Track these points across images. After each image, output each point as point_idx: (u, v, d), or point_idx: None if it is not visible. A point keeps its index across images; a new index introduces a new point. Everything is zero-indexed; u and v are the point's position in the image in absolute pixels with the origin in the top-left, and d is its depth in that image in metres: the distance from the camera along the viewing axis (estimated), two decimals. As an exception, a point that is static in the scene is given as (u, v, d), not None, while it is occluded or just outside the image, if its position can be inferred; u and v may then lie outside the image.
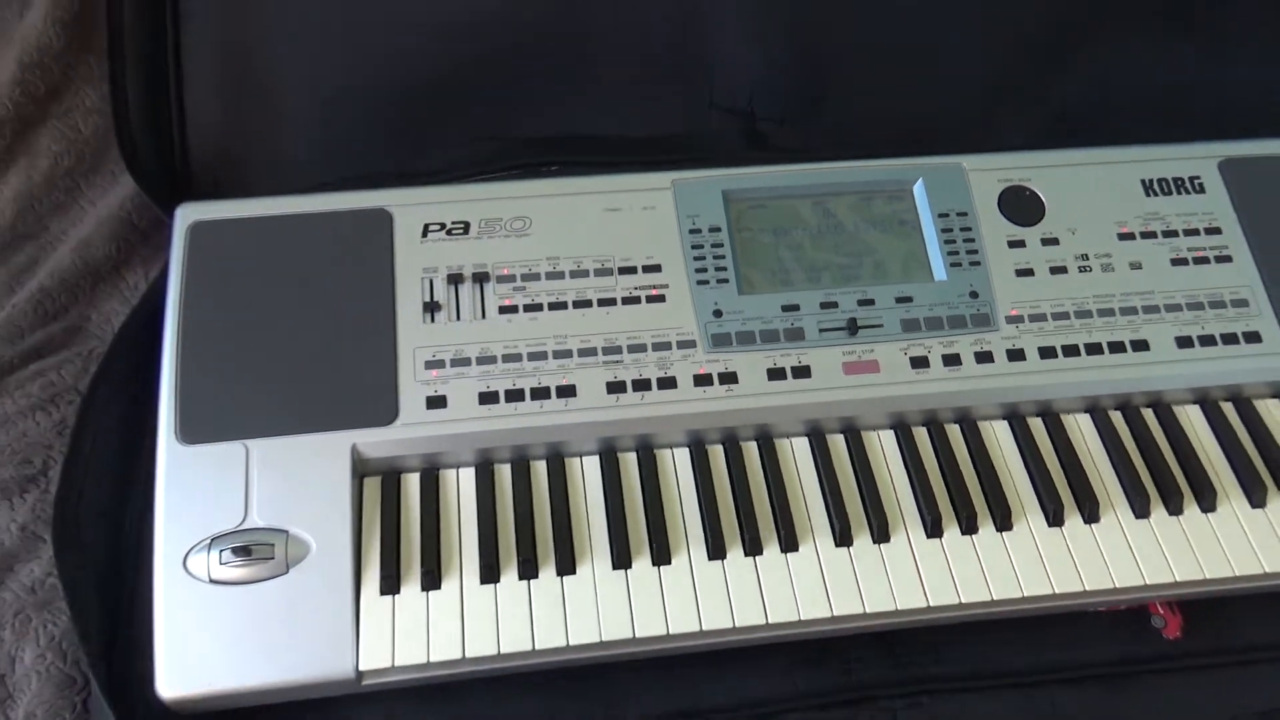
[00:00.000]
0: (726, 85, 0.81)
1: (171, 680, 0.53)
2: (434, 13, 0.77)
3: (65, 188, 0.78)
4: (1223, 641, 0.63)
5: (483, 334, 0.62)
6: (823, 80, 0.82)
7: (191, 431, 0.58)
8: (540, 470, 0.61)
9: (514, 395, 0.61)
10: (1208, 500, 0.61)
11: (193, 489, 0.57)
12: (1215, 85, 0.83)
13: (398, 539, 0.58)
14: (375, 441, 0.59)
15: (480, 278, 0.64)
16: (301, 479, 0.57)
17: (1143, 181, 0.71)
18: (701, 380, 0.62)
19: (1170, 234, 0.69)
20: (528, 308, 0.63)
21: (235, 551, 0.54)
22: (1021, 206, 0.69)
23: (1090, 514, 0.61)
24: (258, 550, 0.55)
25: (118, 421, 0.66)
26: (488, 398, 0.61)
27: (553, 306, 0.64)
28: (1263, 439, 0.65)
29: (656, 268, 0.65)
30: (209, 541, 0.56)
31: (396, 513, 0.59)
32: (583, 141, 0.80)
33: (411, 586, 0.56)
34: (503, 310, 0.63)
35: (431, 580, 0.56)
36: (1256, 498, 0.62)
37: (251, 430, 0.58)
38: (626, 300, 0.64)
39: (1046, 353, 0.65)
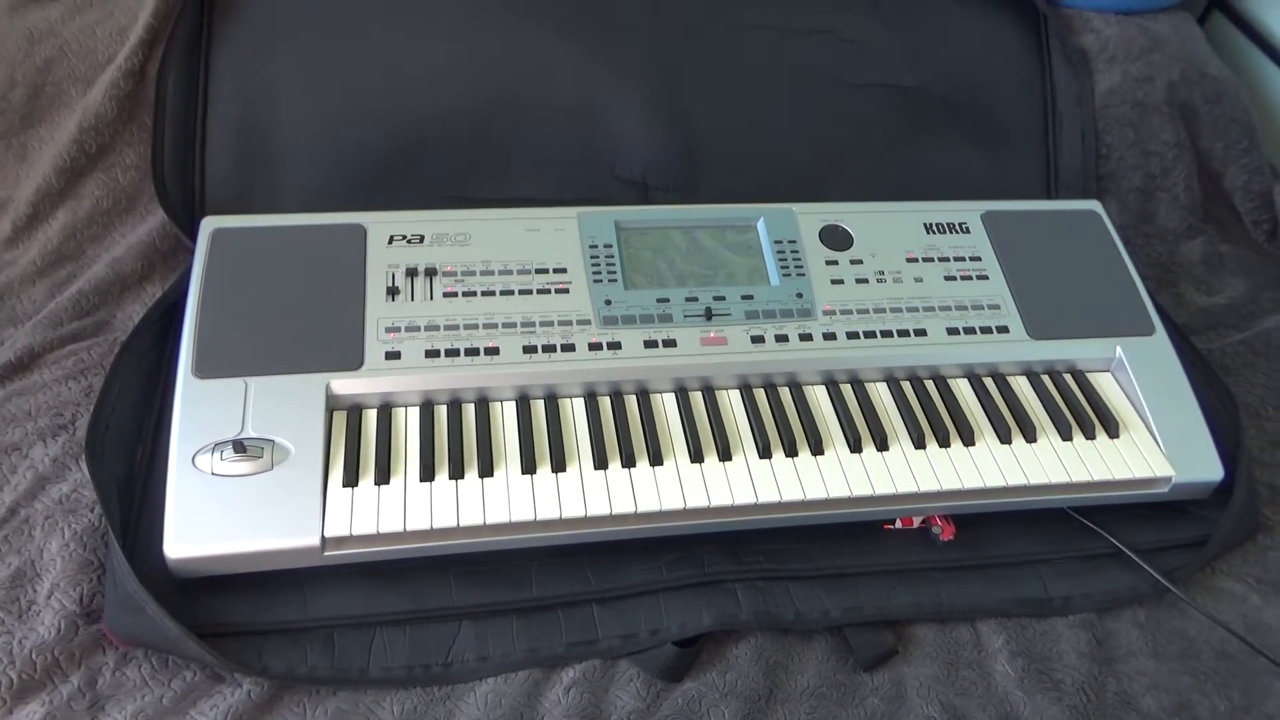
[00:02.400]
0: (625, 163, 1.06)
1: (177, 544, 0.70)
2: (403, 103, 1.02)
3: (103, 224, 0.98)
4: (985, 551, 0.83)
5: (430, 310, 0.83)
6: (699, 162, 1.08)
7: (205, 369, 0.77)
8: (470, 411, 0.80)
9: (452, 353, 0.81)
10: (967, 436, 0.83)
11: (203, 410, 0.75)
12: (989, 178, 1.12)
13: (358, 451, 0.76)
14: (345, 382, 0.78)
15: (430, 272, 0.85)
16: (287, 406, 0.76)
17: (925, 224, 0.96)
18: (594, 347, 0.83)
19: (944, 259, 0.94)
20: (465, 294, 0.84)
21: (234, 448, 0.72)
22: (836, 237, 0.94)
23: (881, 444, 0.81)
24: (251, 449, 0.73)
25: (137, 378, 0.84)
26: (432, 354, 0.80)
27: (484, 294, 0.85)
28: (1012, 401, 0.87)
29: (563, 270, 0.87)
30: (213, 446, 0.73)
31: (358, 436, 0.77)
32: (515, 202, 1.03)
33: (366, 481, 0.74)
34: (446, 295, 0.84)
35: (382, 476, 0.74)
36: (1003, 437, 0.83)
37: (251, 369, 0.77)
38: (540, 291, 0.86)
39: (853, 335, 0.87)
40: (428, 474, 0.75)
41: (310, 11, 1.02)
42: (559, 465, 0.77)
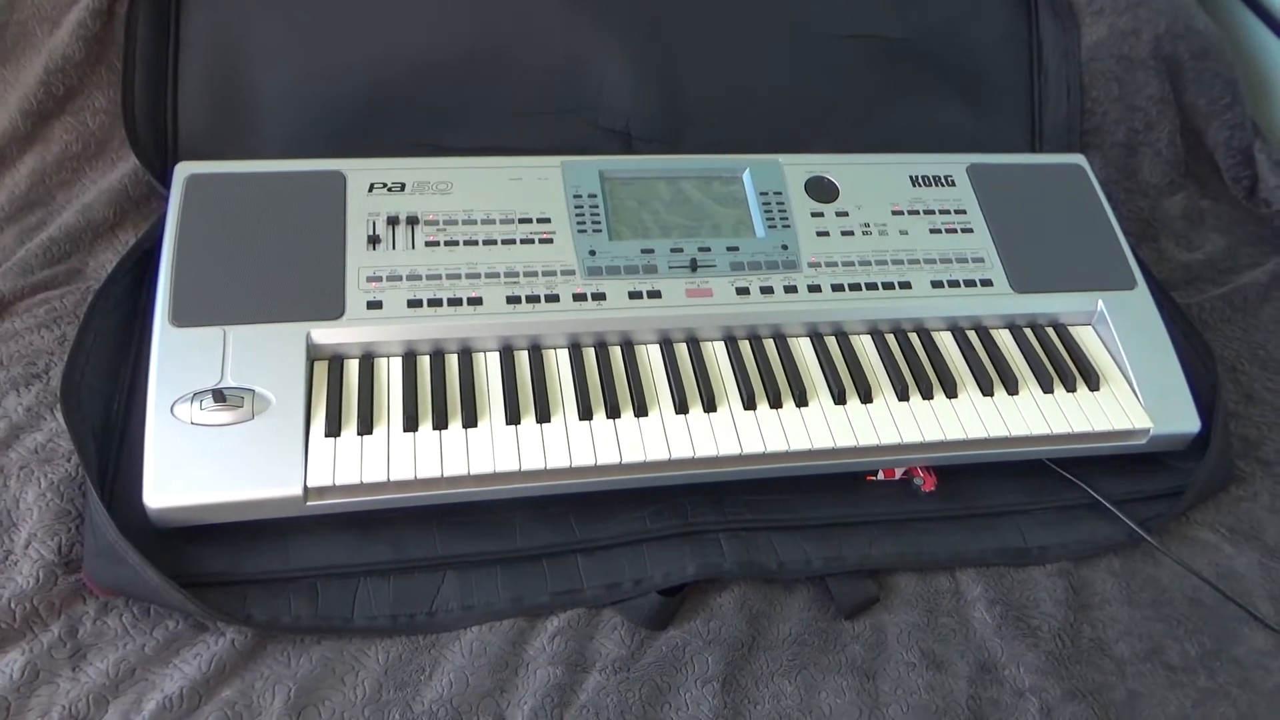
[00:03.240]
0: (610, 112, 1.05)
1: (157, 494, 0.69)
2: (383, 48, 1.00)
3: (72, 169, 0.95)
4: (965, 502, 0.84)
5: (412, 260, 0.82)
6: (683, 114, 1.06)
7: (182, 317, 0.75)
8: (453, 361, 0.79)
9: (434, 303, 0.80)
10: (950, 389, 0.83)
11: (181, 359, 0.74)
12: (973, 133, 1.11)
13: (340, 401, 0.75)
14: (325, 332, 0.77)
15: (412, 221, 0.84)
16: (267, 355, 0.75)
17: (910, 176, 0.96)
18: (579, 298, 0.82)
19: (929, 212, 0.94)
20: (448, 243, 0.83)
21: (214, 397, 0.71)
22: (822, 189, 0.93)
23: (865, 396, 0.82)
24: (230, 398, 0.72)
25: (112, 326, 0.82)
26: (414, 304, 0.79)
27: (467, 243, 0.84)
28: (995, 354, 0.87)
29: (547, 220, 0.86)
30: (192, 395, 0.72)
31: (339, 385, 0.76)
32: (496, 151, 1.02)
33: (349, 430, 0.73)
34: (428, 244, 0.83)
35: (365, 427, 0.74)
36: (985, 389, 0.84)
37: (229, 319, 0.76)
38: (523, 240, 0.85)
39: (837, 288, 0.87)
40: (411, 424, 0.74)
41: None
42: (543, 416, 0.76)
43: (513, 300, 0.81)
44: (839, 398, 0.81)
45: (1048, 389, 0.85)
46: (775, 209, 0.91)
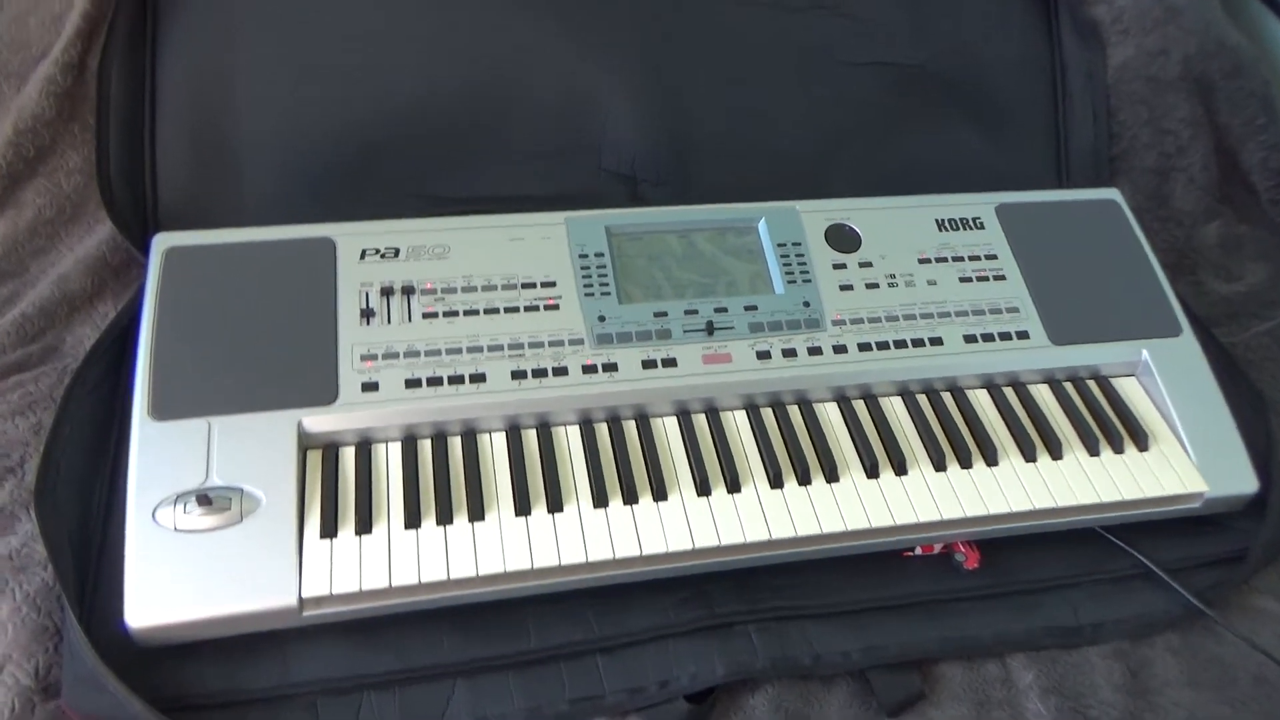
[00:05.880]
0: (613, 156, 0.99)
1: (139, 613, 0.63)
2: (371, 93, 0.94)
3: (46, 235, 0.90)
4: (1010, 576, 0.78)
5: (409, 334, 0.76)
6: (691, 153, 1.00)
7: (162, 409, 0.70)
8: (456, 445, 0.74)
9: (434, 381, 0.74)
10: (990, 456, 0.78)
11: (162, 456, 0.68)
12: (995, 162, 1.06)
13: (335, 496, 0.69)
14: (318, 419, 0.71)
15: (408, 290, 0.78)
16: (255, 449, 0.69)
17: (936, 220, 0.90)
18: (589, 369, 0.77)
19: (958, 259, 0.88)
20: (446, 314, 0.78)
21: (198, 500, 0.66)
22: (843, 238, 0.88)
23: (899, 468, 0.76)
24: (217, 501, 0.66)
25: (90, 414, 0.77)
26: (413, 384, 0.74)
27: (467, 313, 0.78)
28: (1035, 413, 0.82)
29: (552, 284, 0.81)
30: (175, 497, 0.67)
31: (335, 477, 0.70)
32: (494, 200, 0.96)
33: (346, 530, 0.68)
34: (426, 316, 0.77)
35: (364, 525, 0.68)
36: (1028, 454, 0.78)
37: (213, 409, 0.70)
38: (528, 308, 0.79)
39: (864, 347, 0.82)
40: (413, 520, 0.69)
41: None
42: (555, 504, 0.71)
43: (518, 375, 0.76)
44: (872, 471, 0.76)
45: (1094, 451, 0.79)
46: (794, 261, 0.85)
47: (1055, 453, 0.79)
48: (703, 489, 0.73)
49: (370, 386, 0.73)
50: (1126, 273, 0.90)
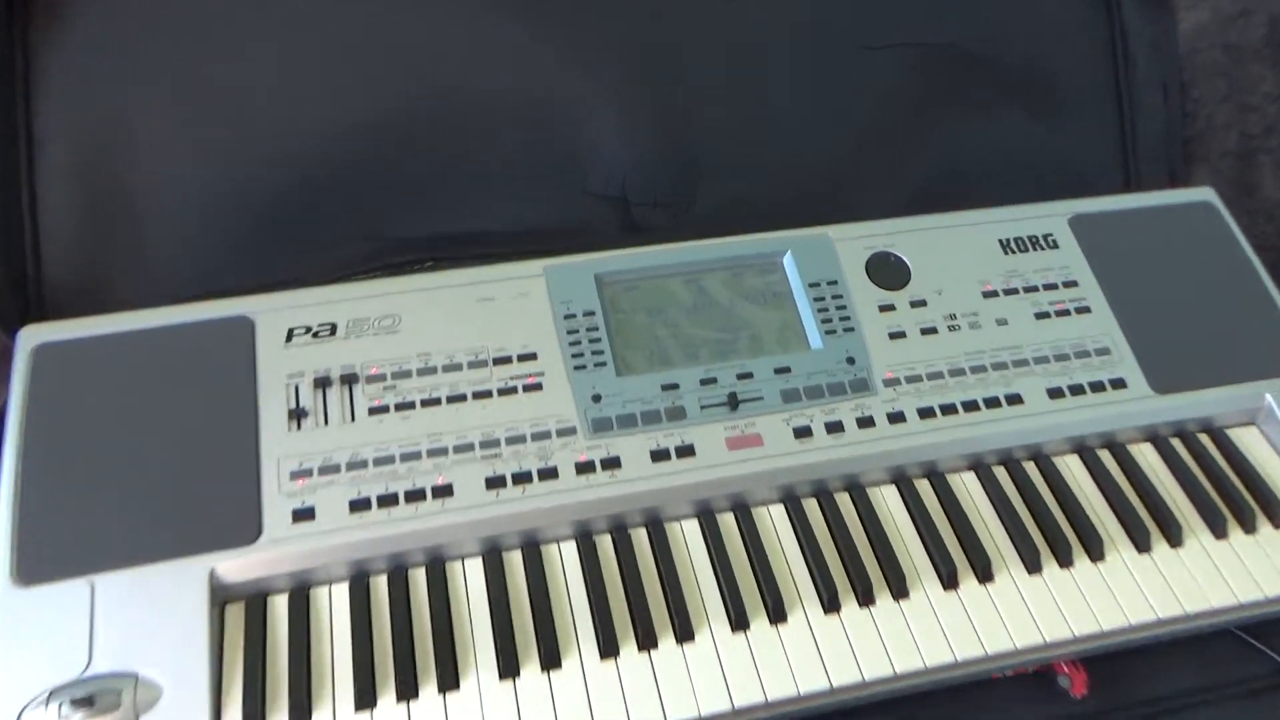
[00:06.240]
0: (599, 174, 0.82)
1: None
2: (303, 121, 0.76)
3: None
4: (1130, 695, 0.63)
5: (352, 438, 0.60)
6: (692, 165, 0.84)
7: (29, 571, 0.53)
8: (419, 579, 0.58)
9: (387, 500, 0.58)
10: (1096, 549, 0.62)
11: (30, 636, 0.52)
12: (1050, 152, 0.89)
13: (263, 669, 0.53)
14: (237, 564, 0.55)
15: (349, 379, 0.62)
16: (153, 615, 0.53)
17: (1000, 241, 0.73)
18: (584, 468, 0.60)
19: (1031, 289, 0.71)
20: (399, 407, 0.61)
21: (76, 704, 0.49)
22: (888, 272, 0.71)
23: (984, 573, 0.60)
24: (102, 700, 0.50)
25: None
26: (359, 505, 0.57)
27: (426, 404, 0.61)
28: (1141, 483, 0.66)
29: (532, 356, 0.64)
30: (47, 696, 0.50)
31: (262, 640, 0.54)
32: (459, 238, 0.79)
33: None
34: (373, 411, 0.61)
35: (301, 711, 0.52)
36: (1140, 542, 0.62)
37: (97, 564, 0.54)
38: (503, 391, 0.63)
39: (925, 413, 0.65)
40: (367, 698, 0.52)
41: (168, 9, 0.75)
42: (551, 658, 0.54)
43: (494, 483, 0.59)
44: (950, 581, 0.60)
45: (1220, 533, 0.63)
46: (832, 305, 0.69)
47: (1174, 539, 0.63)
48: (739, 623, 0.57)
49: (304, 514, 0.57)
50: (1232, 295, 0.74)
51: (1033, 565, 0.61)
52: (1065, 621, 0.58)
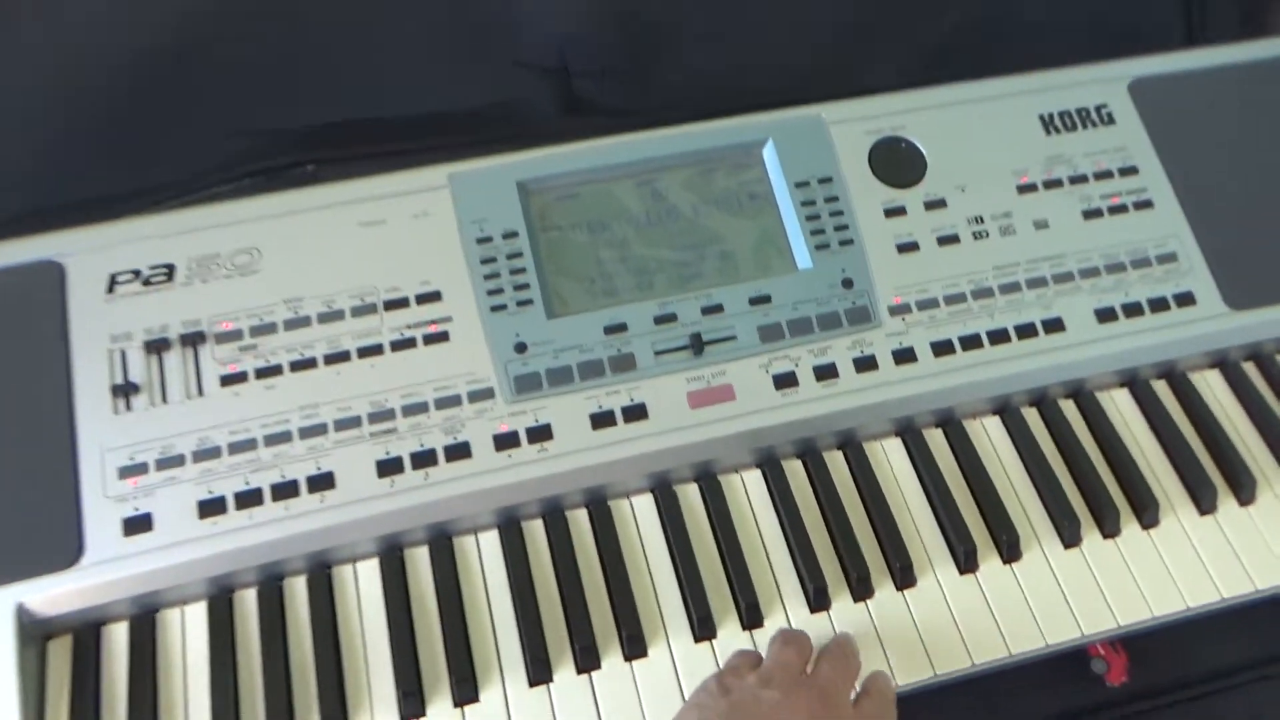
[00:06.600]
0: (535, 42, 0.65)
1: None
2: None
3: None
4: (1176, 674, 0.52)
5: (200, 419, 0.46)
6: (650, 24, 0.66)
7: None
8: (299, 592, 0.46)
9: (248, 498, 0.45)
10: (1149, 514, 0.50)
11: None
12: None
13: (96, 712, 0.42)
14: (52, 595, 0.43)
15: (193, 340, 0.47)
16: (-55, 662, 0.41)
17: (1041, 117, 0.57)
18: (505, 441, 0.47)
19: (1079, 179, 0.56)
20: (262, 373, 0.47)
21: None
22: (898, 163, 0.55)
23: (1010, 552, 0.48)
24: (-122, 780, 0.39)
25: None
26: (210, 507, 0.45)
27: (296, 367, 0.47)
28: (1204, 421, 0.53)
29: (435, 296, 0.50)
30: None
31: (95, 682, 0.43)
32: (355, 128, 0.63)
33: (117, 791, 0.41)
34: (227, 381, 0.47)
35: (144, 778, 0.41)
36: (1205, 504, 0.50)
37: None
38: (397, 345, 0.48)
39: (941, 348, 0.52)
40: (229, 748, 0.42)
41: None
42: (466, 690, 0.43)
43: (388, 468, 0.46)
44: (967, 562, 0.48)
45: (1304, 485, 0.51)
46: (825, 210, 0.54)
47: (1244, 494, 0.51)
48: (704, 629, 0.46)
49: (139, 523, 0.44)
50: (1330, 174, 0.59)
51: (1070, 538, 0.49)
52: (1107, 606, 0.47)
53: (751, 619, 0.46)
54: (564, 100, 0.66)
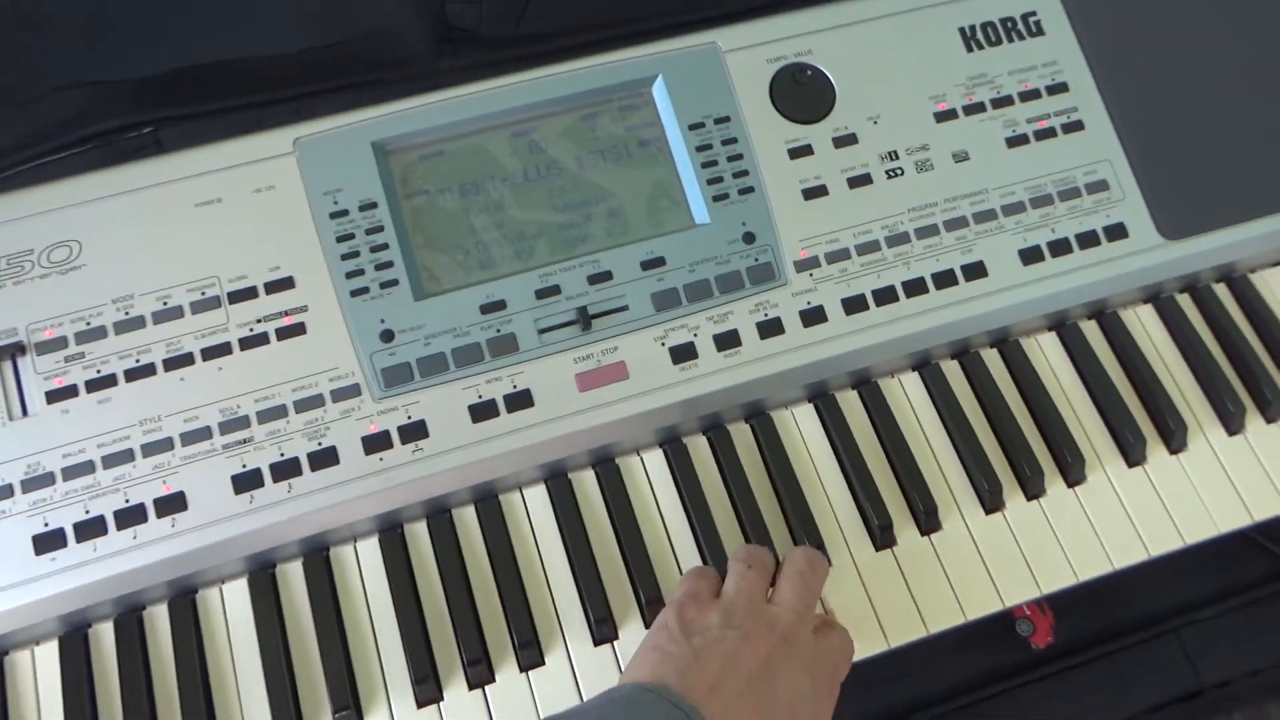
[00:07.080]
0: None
1: None
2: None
3: None
4: (1104, 626, 0.51)
5: (27, 442, 0.41)
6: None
7: None
8: (159, 620, 0.42)
9: (89, 529, 0.41)
10: (1075, 471, 0.47)
11: None
12: None
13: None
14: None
15: (10, 351, 0.42)
16: None
17: (961, 30, 0.51)
18: (375, 443, 0.43)
19: (1002, 102, 0.51)
20: (93, 385, 0.42)
21: None
22: (803, 95, 0.50)
23: (927, 520, 0.46)
24: None
25: None
26: (47, 541, 0.40)
27: (132, 375, 0.42)
28: (1133, 364, 0.49)
29: (287, 282, 0.44)
30: None
31: (-62, 741, 0.40)
32: (203, 74, 0.56)
33: None
34: (54, 397, 0.42)
35: (-1, 839, 0.38)
36: (1132, 454, 0.47)
37: None
38: (247, 342, 0.43)
39: (853, 304, 0.47)
40: (91, 806, 0.39)
41: None
42: (343, 709, 0.41)
43: (246, 482, 0.42)
44: (884, 536, 0.45)
45: (1235, 428, 0.48)
46: (723, 155, 0.48)
47: (1175, 442, 0.48)
48: (602, 629, 0.43)
49: (-37, 564, 0.40)
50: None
51: (991, 502, 0.46)
52: (1030, 573, 0.45)
53: (655, 615, 0.43)
54: (437, 30, 0.59)
